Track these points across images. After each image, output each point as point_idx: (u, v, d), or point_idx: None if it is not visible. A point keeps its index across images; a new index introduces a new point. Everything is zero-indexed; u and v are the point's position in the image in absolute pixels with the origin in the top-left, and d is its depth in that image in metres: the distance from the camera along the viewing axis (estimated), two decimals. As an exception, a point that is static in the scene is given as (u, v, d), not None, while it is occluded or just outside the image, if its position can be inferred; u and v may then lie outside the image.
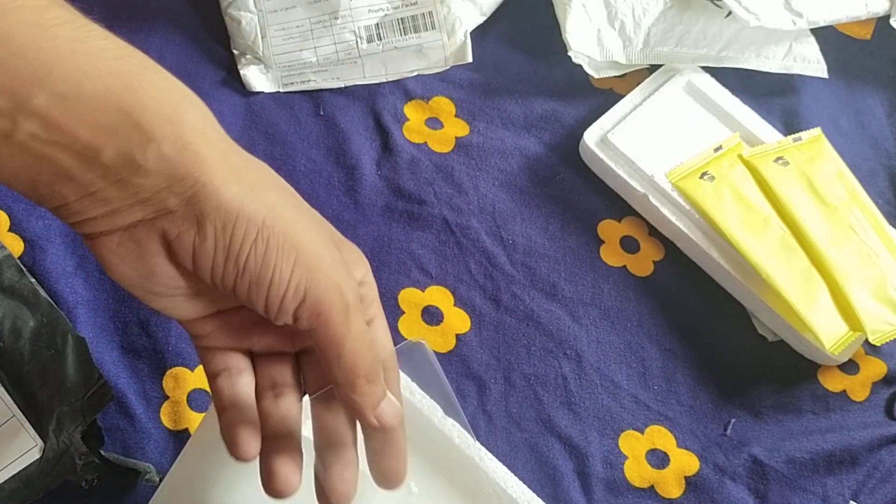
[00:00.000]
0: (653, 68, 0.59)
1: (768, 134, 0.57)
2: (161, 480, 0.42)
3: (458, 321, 0.51)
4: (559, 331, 0.51)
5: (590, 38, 0.58)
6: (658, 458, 0.48)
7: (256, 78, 0.57)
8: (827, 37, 0.61)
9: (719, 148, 0.55)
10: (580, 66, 0.58)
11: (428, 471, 0.43)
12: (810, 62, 0.59)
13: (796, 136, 0.56)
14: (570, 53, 0.57)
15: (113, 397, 0.42)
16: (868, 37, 0.65)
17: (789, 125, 0.60)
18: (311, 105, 0.57)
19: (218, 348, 0.34)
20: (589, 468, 0.47)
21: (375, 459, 0.36)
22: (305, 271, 0.30)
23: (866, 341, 0.50)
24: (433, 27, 0.58)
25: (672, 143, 0.55)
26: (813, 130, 0.57)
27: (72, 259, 0.49)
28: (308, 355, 0.35)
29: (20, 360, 0.41)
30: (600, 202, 0.56)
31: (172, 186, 0.28)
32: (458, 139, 0.57)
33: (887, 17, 0.61)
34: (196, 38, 0.58)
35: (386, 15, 0.58)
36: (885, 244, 0.53)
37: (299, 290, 0.30)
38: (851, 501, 0.47)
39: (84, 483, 0.40)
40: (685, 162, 0.54)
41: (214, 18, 0.59)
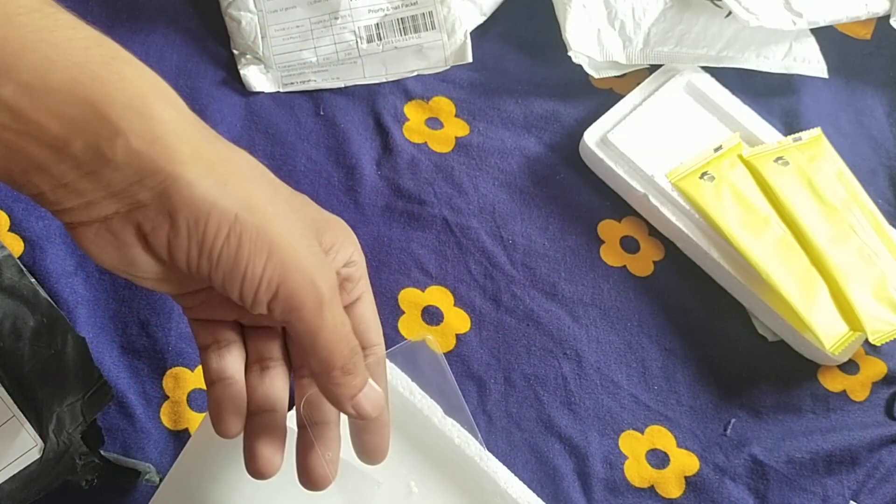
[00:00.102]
0: (653, 68, 0.59)
1: (768, 134, 0.57)
2: (161, 480, 0.42)
3: (458, 321, 0.51)
4: (559, 331, 0.51)
5: (590, 38, 0.58)
6: (658, 458, 0.48)
7: (256, 78, 0.57)
8: (827, 37, 0.61)
9: (719, 148, 0.55)
10: (580, 66, 0.58)
11: (428, 471, 0.43)
12: (810, 62, 0.59)
13: (796, 136, 0.56)
14: (570, 53, 0.57)
15: (113, 397, 0.42)
16: (868, 37, 0.65)
17: (789, 125, 0.60)
18: (311, 105, 0.57)
19: (207, 320, 0.34)
20: (589, 468, 0.47)
21: (358, 434, 0.35)
22: (278, 266, 0.30)
23: (866, 341, 0.50)
24: (433, 27, 0.58)
25: (672, 143, 0.55)
26: (813, 130, 0.57)
27: (72, 259, 0.49)
28: None
29: (20, 360, 0.41)
30: (600, 202, 0.56)
31: (143, 181, 0.28)
32: (458, 139, 0.57)
33: (887, 17, 0.61)
34: (196, 38, 0.58)
35: (386, 15, 0.58)
36: (885, 244, 0.53)
37: (272, 285, 0.30)
38: (851, 501, 0.47)
39: (84, 483, 0.40)
40: (685, 162, 0.54)
41: (214, 18, 0.58)
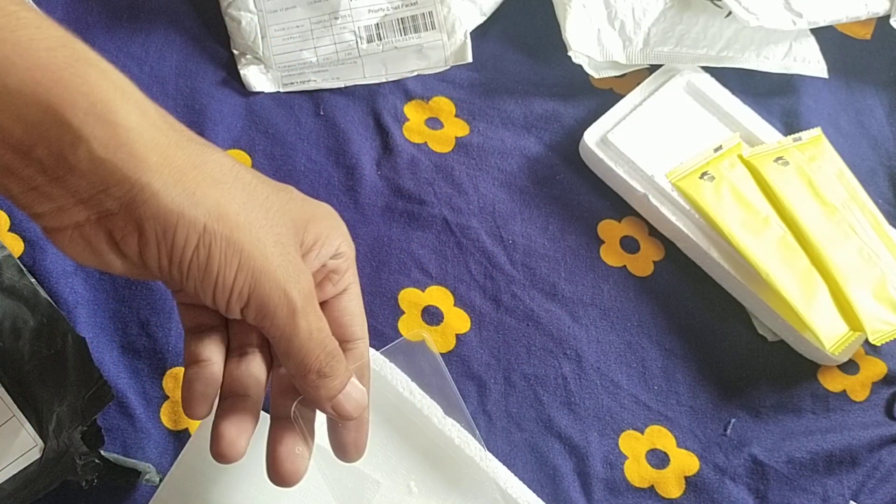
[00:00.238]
0: (653, 68, 0.59)
1: (768, 134, 0.57)
2: (161, 480, 0.42)
3: (458, 321, 0.51)
4: (559, 331, 0.51)
5: (590, 38, 0.58)
6: (658, 458, 0.48)
7: (256, 78, 0.57)
8: (827, 37, 0.61)
9: (719, 148, 0.55)
10: (580, 66, 0.58)
11: (428, 471, 0.43)
12: (810, 62, 0.59)
13: (796, 136, 0.56)
14: (570, 53, 0.57)
15: (113, 397, 0.41)
16: (868, 37, 0.65)
17: (789, 125, 0.60)
18: (311, 105, 0.57)
19: (192, 304, 0.34)
20: (589, 468, 0.47)
21: (334, 429, 0.35)
22: (249, 276, 0.30)
23: (866, 341, 0.50)
24: (433, 27, 0.58)
25: (672, 143, 0.55)
26: (813, 130, 0.57)
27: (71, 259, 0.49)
28: None
29: (20, 360, 0.41)
30: (600, 202, 0.55)
31: (109, 190, 0.27)
32: (458, 139, 0.57)
33: (887, 17, 0.61)
34: (196, 38, 0.58)
35: (386, 15, 0.58)
36: (885, 244, 0.53)
37: (243, 294, 0.30)
38: (851, 501, 0.47)
39: (84, 483, 0.40)
40: (685, 162, 0.54)
41: (214, 18, 0.58)
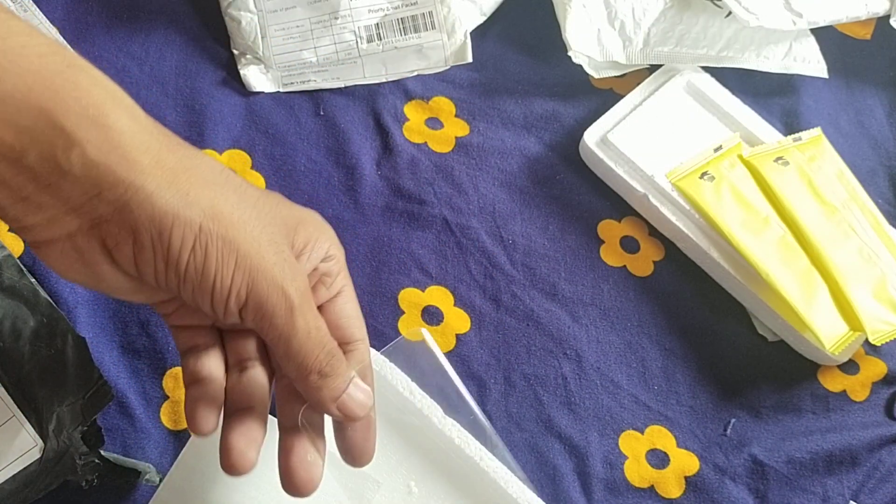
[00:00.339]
0: (653, 68, 0.59)
1: (768, 134, 0.57)
2: (161, 480, 0.42)
3: (458, 321, 0.51)
4: (559, 331, 0.51)
5: (590, 38, 0.58)
6: (658, 458, 0.48)
7: (256, 78, 0.57)
8: (827, 37, 0.61)
9: (719, 148, 0.55)
10: (580, 66, 0.58)
11: (428, 471, 0.43)
12: (810, 62, 0.59)
13: (796, 136, 0.56)
14: (570, 53, 0.57)
15: (113, 397, 0.41)
16: (868, 37, 0.65)
17: (789, 125, 0.60)
18: (311, 105, 0.57)
19: (185, 326, 0.34)
20: (589, 468, 0.47)
21: (341, 434, 0.35)
22: (246, 275, 0.30)
23: (866, 341, 0.50)
24: (433, 27, 0.58)
25: (672, 143, 0.55)
26: (813, 130, 0.57)
27: (72, 259, 0.49)
28: None
29: (20, 360, 0.41)
30: (600, 202, 0.55)
31: (102, 194, 0.27)
32: (458, 139, 0.57)
33: (887, 17, 0.61)
34: (196, 38, 0.58)
35: (386, 15, 0.58)
36: (885, 244, 0.53)
37: (241, 295, 0.30)
38: (851, 501, 0.47)
39: (84, 483, 0.40)
40: (685, 162, 0.54)
41: (214, 18, 0.58)
